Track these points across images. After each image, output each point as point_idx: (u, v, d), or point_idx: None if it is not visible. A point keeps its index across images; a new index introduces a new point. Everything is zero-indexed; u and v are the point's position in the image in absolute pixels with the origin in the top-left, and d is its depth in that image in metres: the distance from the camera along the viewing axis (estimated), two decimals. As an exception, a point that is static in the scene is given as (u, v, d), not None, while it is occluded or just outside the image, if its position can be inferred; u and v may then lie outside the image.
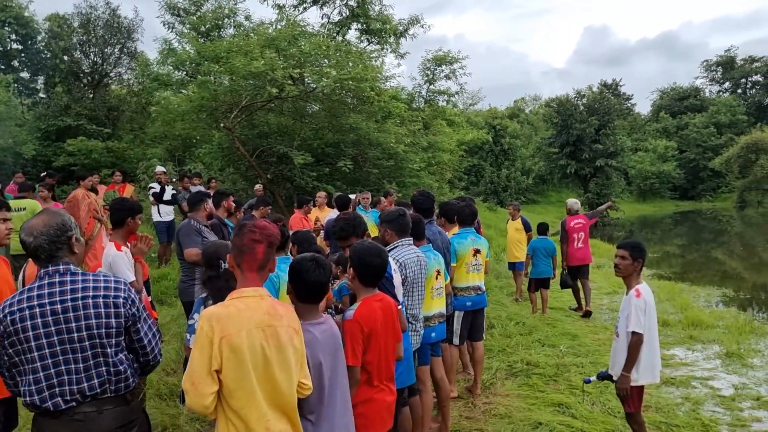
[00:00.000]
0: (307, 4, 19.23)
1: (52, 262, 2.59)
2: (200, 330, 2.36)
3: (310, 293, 2.84)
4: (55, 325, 2.51)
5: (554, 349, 7.48)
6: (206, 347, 2.33)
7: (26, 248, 2.60)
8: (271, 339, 2.44)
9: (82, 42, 24.30)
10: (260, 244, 2.52)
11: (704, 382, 6.65)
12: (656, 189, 50.90)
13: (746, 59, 59.75)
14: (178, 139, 17.57)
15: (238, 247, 2.53)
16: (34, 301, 2.52)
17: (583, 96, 41.51)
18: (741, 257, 21.02)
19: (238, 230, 2.60)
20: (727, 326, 9.10)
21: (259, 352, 2.39)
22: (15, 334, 2.49)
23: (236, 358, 2.34)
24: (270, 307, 2.50)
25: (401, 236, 4.24)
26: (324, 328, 2.84)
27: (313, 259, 2.86)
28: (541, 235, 9.87)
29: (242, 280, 2.53)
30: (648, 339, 4.18)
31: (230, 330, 2.35)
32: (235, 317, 2.38)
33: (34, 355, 2.50)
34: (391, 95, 15.52)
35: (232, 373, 2.35)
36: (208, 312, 2.41)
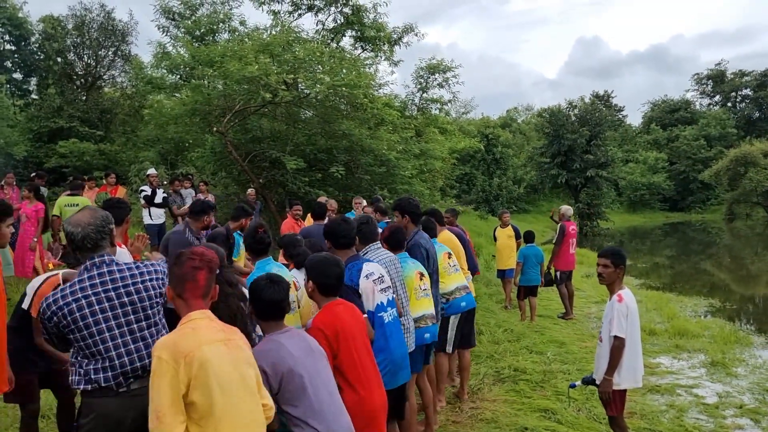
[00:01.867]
0: (302, 11, 19.34)
1: (96, 252, 2.78)
2: (158, 361, 2.25)
3: (269, 311, 2.88)
4: (111, 310, 2.71)
5: (542, 356, 7.55)
6: (167, 375, 2.23)
7: (72, 239, 2.78)
8: (235, 351, 2.41)
9: (76, 44, 24.31)
10: (201, 271, 2.45)
11: (689, 390, 6.72)
12: (646, 200, 51.24)
13: (736, 73, 60.44)
14: (171, 142, 17.60)
15: (178, 276, 2.45)
16: (87, 291, 2.71)
17: (574, 107, 41.79)
18: (729, 269, 21.20)
19: (175, 259, 2.51)
20: (713, 336, 9.20)
21: (228, 363, 2.34)
22: (73, 323, 2.65)
23: (204, 374, 2.26)
24: (223, 325, 2.48)
25: (366, 243, 4.26)
26: (289, 334, 2.88)
27: (268, 278, 2.92)
28: (529, 243, 9.98)
29: (186, 308, 2.44)
30: (630, 344, 4.26)
31: (191, 348, 2.27)
32: (190, 336, 2.32)
33: (96, 339, 2.67)
34: (384, 102, 15.60)
35: (202, 393, 2.26)
36: (161, 342, 2.32)
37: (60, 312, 2.65)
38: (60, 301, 2.67)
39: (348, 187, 13.78)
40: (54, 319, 2.66)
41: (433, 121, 21.95)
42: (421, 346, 4.68)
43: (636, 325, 4.34)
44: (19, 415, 4.35)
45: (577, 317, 10.30)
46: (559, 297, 10.47)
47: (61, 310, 2.65)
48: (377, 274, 3.91)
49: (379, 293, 3.87)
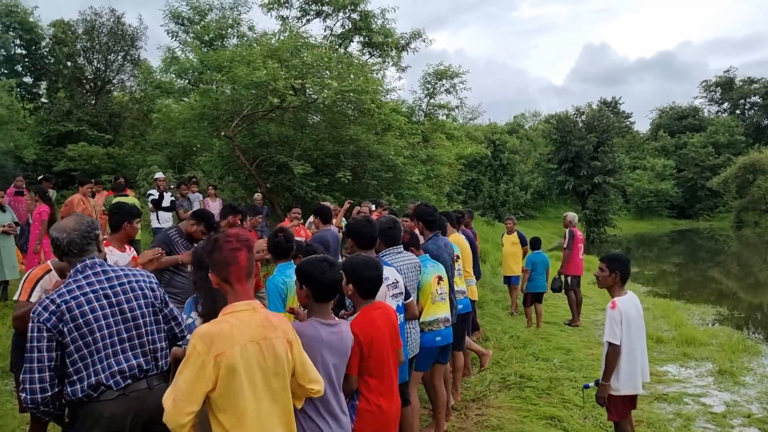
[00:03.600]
0: (311, 17, 19.42)
1: (83, 256, 2.80)
2: (192, 349, 2.29)
3: (325, 293, 2.93)
4: (110, 307, 2.72)
5: (548, 362, 7.53)
6: (197, 367, 2.26)
7: (58, 244, 2.80)
8: (267, 351, 2.42)
9: (85, 48, 24.44)
10: (241, 252, 2.47)
11: (696, 398, 6.69)
12: (654, 207, 51.04)
13: (745, 80, 60.24)
14: (179, 146, 17.66)
15: (220, 261, 2.46)
16: (85, 289, 2.71)
17: (582, 113, 41.74)
18: (737, 277, 21.06)
19: (212, 244, 2.51)
20: (721, 344, 9.14)
21: (255, 368, 2.37)
22: (73, 320, 2.62)
23: (231, 377, 2.30)
24: (264, 319, 2.47)
25: (389, 246, 4.31)
26: (332, 330, 2.91)
27: (325, 260, 2.97)
28: (535, 249, 9.97)
29: (233, 294, 2.47)
30: (628, 350, 4.27)
31: (224, 347, 2.29)
32: (227, 334, 2.33)
33: (96, 337, 2.66)
34: (391, 108, 15.62)
35: (224, 392, 2.30)
36: (201, 330, 2.34)
37: (59, 309, 2.61)
38: (57, 300, 2.64)
39: (355, 192, 13.79)
40: (53, 319, 2.59)
41: (440, 127, 21.96)
42: (433, 348, 4.73)
43: (635, 332, 4.34)
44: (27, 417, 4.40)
45: (584, 324, 10.27)
46: (566, 304, 10.44)
47: (59, 308, 2.61)
48: (392, 279, 3.92)
49: (390, 298, 3.88)
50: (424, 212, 5.39)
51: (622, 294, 4.41)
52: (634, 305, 4.40)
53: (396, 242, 4.37)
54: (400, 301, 4.00)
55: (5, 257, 7.74)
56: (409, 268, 4.33)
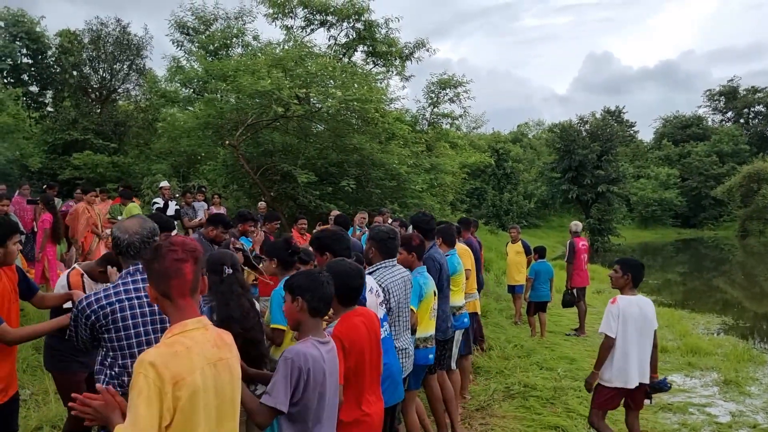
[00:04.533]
0: (315, 26, 19.53)
1: (137, 259, 2.84)
2: (143, 379, 1.94)
3: (323, 308, 2.85)
4: (150, 315, 2.74)
5: (552, 372, 7.50)
6: (154, 399, 1.93)
7: (117, 243, 2.87)
8: (224, 373, 2.18)
9: (91, 58, 24.61)
10: (186, 263, 2.15)
11: (701, 408, 6.65)
12: (658, 216, 50.90)
13: (749, 89, 60.19)
14: (183, 155, 17.73)
15: (160, 271, 2.15)
16: (131, 294, 2.74)
17: (585, 122, 41.76)
18: (742, 286, 20.99)
19: (153, 252, 2.21)
20: (726, 354, 9.10)
21: (212, 393, 2.11)
22: (113, 323, 2.67)
23: (192, 403, 2.02)
24: (217, 338, 2.22)
25: (385, 258, 4.12)
26: (328, 348, 2.80)
27: (321, 273, 2.90)
28: (540, 258, 9.94)
29: (177, 311, 2.15)
30: (622, 345, 4.54)
31: (183, 373, 2.00)
32: (184, 357, 2.03)
33: (131, 342, 2.69)
34: (395, 117, 15.67)
35: (182, 421, 2.00)
36: (151, 356, 1.99)
37: (102, 311, 2.67)
38: (103, 300, 2.70)
39: (359, 200, 13.82)
40: (92, 317, 2.68)
41: (444, 136, 22.01)
42: (425, 366, 4.68)
43: (634, 331, 4.56)
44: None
45: (588, 333, 10.22)
46: (569, 313, 10.40)
47: (103, 309, 2.68)
48: (375, 288, 3.83)
49: (378, 307, 3.80)
50: (421, 221, 5.25)
51: (632, 295, 4.67)
52: (638, 306, 4.61)
53: (393, 255, 4.19)
54: (384, 309, 3.89)
55: (11, 265, 7.78)
56: (402, 283, 4.11)
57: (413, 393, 4.65)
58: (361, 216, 9.33)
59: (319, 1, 18.66)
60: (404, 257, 4.55)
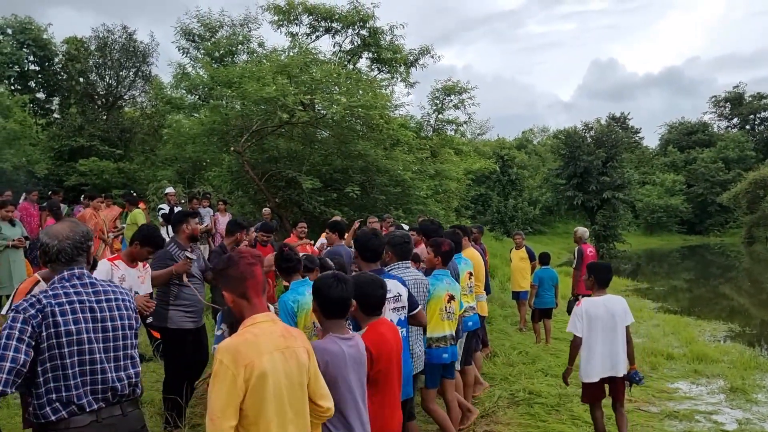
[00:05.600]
0: (320, 33, 19.61)
1: (71, 265, 2.64)
2: (219, 364, 2.28)
3: (335, 309, 2.94)
4: (93, 321, 2.54)
5: (557, 379, 7.44)
6: (227, 381, 2.25)
7: (46, 251, 2.64)
8: (291, 360, 2.43)
9: (98, 65, 24.80)
10: (256, 267, 2.50)
11: (708, 416, 6.60)
12: (664, 223, 50.76)
13: (754, 96, 60.07)
14: (189, 161, 17.80)
15: (237, 276, 2.46)
16: (71, 297, 2.53)
17: (590, 128, 41.75)
18: (749, 293, 20.87)
19: (227, 262, 2.53)
20: (732, 361, 9.03)
21: (282, 376, 2.37)
22: (54, 326, 2.43)
23: (261, 385, 2.29)
24: (284, 329, 2.51)
25: (400, 260, 4.37)
26: (351, 344, 2.94)
27: (334, 276, 3.00)
28: (544, 265, 9.91)
29: (251, 308, 2.47)
30: (587, 342, 4.94)
31: (252, 357, 2.29)
32: (253, 343, 2.33)
33: (73, 349, 2.46)
34: (399, 123, 15.70)
35: (255, 402, 2.30)
36: (225, 344, 2.34)
37: (45, 310, 2.44)
38: (43, 300, 2.47)
39: (363, 206, 13.83)
40: (39, 317, 2.41)
41: (449, 142, 22.02)
42: (439, 365, 4.76)
43: (598, 329, 4.91)
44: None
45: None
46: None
47: (46, 308, 2.44)
48: (394, 292, 3.93)
49: (391, 312, 3.87)
50: (429, 227, 5.52)
51: (599, 295, 5.05)
52: (604, 306, 4.97)
53: (407, 257, 4.44)
54: (402, 315, 4.00)
55: (15, 271, 7.80)
56: (416, 284, 4.35)
57: (432, 392, 4.79)
58: (371, 221, 9.41)
59: (324, 8, 18.76)
60: (430, 258, 4.92)
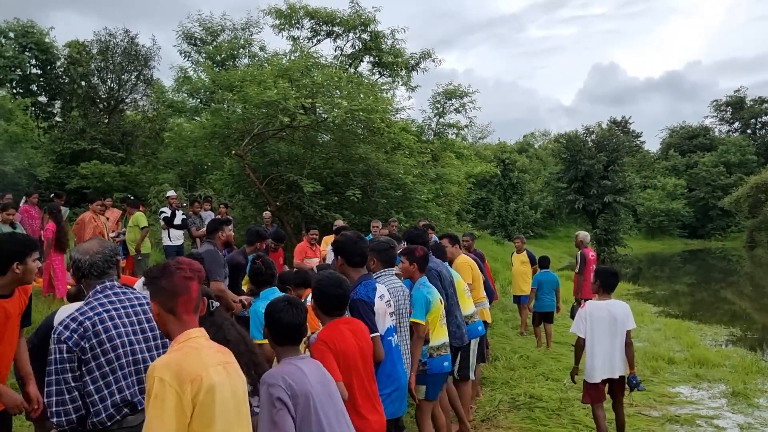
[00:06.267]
0: (321, 37, 19.66)
1: (103, 278, 2.81)
2: (160, 383, 2.01)
3: (287, 335, 2.75)
4: (131, 326, 2.72)
5: (558, 383, 7.45)
6: (171, 402, 2.00)
7: (79, 266, 2.81)
8: (235, 376, 2.25)
9: (99, 68, 24.89)
10: (193, 282, 2.26)
11: (709, 421, 6.58)
12: (665, 227, 50.70)
13: (756, 100, 60.05)
14: (190, 164, 17.82)
15: (168, 289, 2.22)
16: (107, 306, 2.70)
17: (592, 132, 41.73)
18: (750, 297, 20.84)
19: (161, 270, 2.29)
20: (734, 366, 9.01)
21: (229, 390, 2.17)
22: (96, 336, 2.60)
23: (210, 401, 2.07)
24: (218, 346, 2.31)
25: (385, 267, 4.23)
26: (306, 361, 2.78)
27: (286, 300, 2.84)
28: (544, 268, 9.90)
29: (181, 325, 2.22)
30: (589, 343, 5.15)
31: (198, 371, 2.07)
32: (196, 357, 2.12)
33: (119, 353, 2.63)
34: (401, 127, 15.69)
35: (203, 422, 2.06)
36: (162, 362, 2.09)
37: (81, 326, 2.58)
38: (80, 317, 2.63)
39: (364, 210, 13.82)
40: (74, 337, 2.55)
41: (450, 146, 22.04)
42: (442, 374, 4.68)
43: (599, 331, 5.10)
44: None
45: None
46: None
47: (83, 324, 2.60)
48: (387, 297, 3.90)
49: (388, 317, 3.85)
50: (413, 234, 5.40)
51: (603, 299, 5.22)
52: (607, 310, 5.13)
53: (392, 264, 4.29)
54: (394, 320, 3.93)
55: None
56: (396, 293, 4.17)
57: (430, 405, 4.64)
58: (375, 225, 9.44)
59: (325, 12, 18.81)
60: (406, 267, 4.68)
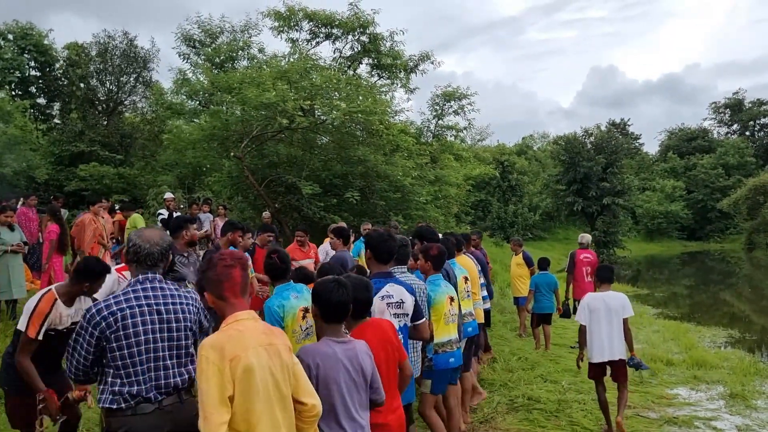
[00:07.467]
0: (320, 39, 19.69)
1: (152, 270, 2.95)
2: (205, 360, 2.30)
3: (334, 313, 2.95)
4: (159, 323, 2.85)
5: (556, 384, 7.45)
6: (214, 376, 2.27)
7: (137, 251, 2.92)
8: (275, 357, 2.45)
9: (98, 70, 24.90)
10: (235, 269, 2.52)
11: (707, 422, 6.58)
12: (664, 229, 50.72)
13: (754, 102, 60.12)
14: (189, 167, 17.84)
15: (214, 279, 2.51)
16: (142, 300, 2.85)
17: (590, 134, 41.72)
18: (749, 299, 20.84)
19: (207, 263, 2.59)
20: (732, 367, 9.01)
21: (267, 371, 2.39)
22: (123, 329, 2.75)
23: (248, 379, 2.31)
24: (266, 327, 2.56)
25: (399, 265, 4.32)
26: (347, 347, 2.92)
27: (335, 281, 3.00)
28: (542, 270, 9.89)
29: (231, 307, 2.49)
30: (590, 330, 5.80)
31: (237, 351, 2.32)
32: (237, 338, 2.36)
33: (141, 348, 2.79)
34: (399, 129, 15.72)
35: (242, 397, 2.31)
36: (209, 341, 2.36)
37: (112, 317, 2.74)
38: (113, 306, 2.77)
39: (363, 212, 13.83)
40: (103, 323, 2.73)
41: (449, 148, 22.08)
42: (447, 370, 4.74)
43: (597, 319, 5.75)
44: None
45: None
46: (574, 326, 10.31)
47: (114, 315, 2.74)
48: (396, 298, 3.89)
49: (393, 318, 3.84)
50: (427, 232, 5.53)
51: (601, 291, 5.92)
52: (604, 300, 5.79)
53: (404, 262, 4.41)
54: (402, 321, 3.93)
55: (13, 276, 7.78)
56: (417, 290, 4.26)
57: (432, 398, 4.73)
58: (365, 227, 9.38)
59: (324, 14, 18.83)
60: (422, 264, 4.91)
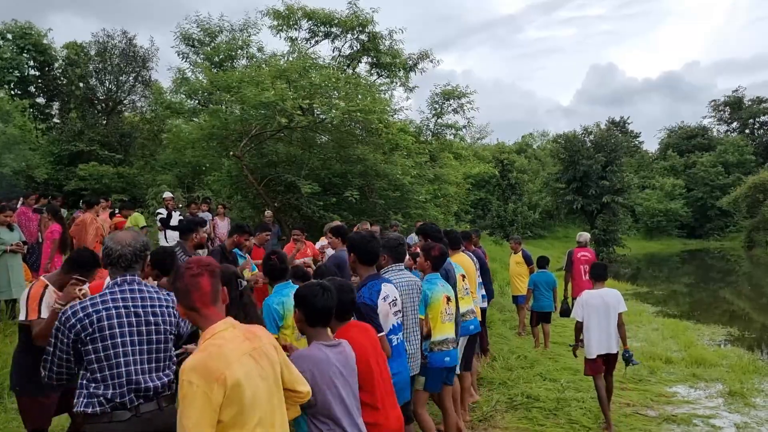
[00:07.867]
0: (319, 38, 19.66)
1: (128, 272, 2.93)
2: (188, 384, 2.16)
3: (319, 317, 2.94)
4: (137, 325, 2.82)
5: (555, 383, 7.47)
6: (198, 399, 2.15)
7: (109, 254, 2.93)
8: (262, 360, 2.39)
9: (98, 69, 24.88)
10: (201, 277, 2.38)
11: (706, 420, 6.60)
12: (663, 227, 50.69)
13: (754, 100, 59.99)
14: (188, 166, 17.84)
15: (183, 289, 2.39)
16: (119, 302, 2.82)
17: (590, 132, 41.71)
18: (748, 297, 20.85)
19: (174, 275, 2.48)
20: (731, 365, 9.02)
21: (257, 379, 2.33)
22: (99, 331, 2.72)
23: (237, 395, 2.23)
24: (246, 331, 2.44)
25: (395, 262, 4.39)
26: (338, 350, 2.94)
27: (320, 285, 2.98)
28: (541, 268, 9.90)
29: (204, 319, 2.38)
30: (588, 326, 6.04)
31: (221, 369, 2.21)
32: (218, 355, 2.24)
33: (118, 351, 2.74)
34: (399, 128, 15.71)
35: (234, 413, 2.23)
36: (189, 363, 2.22)
37: (87, 319, 2.71)
38: (89, 308, 2.75)
39: (362, 211, 13.82)
40: (78, 326, 2.70)
41: (448, 147, 22.05)
42: (443, 369, 4.75)
43: (593, 315, 5.98)
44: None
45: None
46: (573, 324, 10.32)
47: (89, 317, 2.71)
48: (392, 296, 3.97)
49: (392, 316, 3.92)
50: (431, 229, 5.58)
51: (597, 288, 6.14)
52: (600, 297, 6.03)
53: (401, 259, 4.45)
54: (399, 318, 4.04)
55: (13, 276, 7.79)
56: (409, 287, 4.36)
57: (425, 395, 4.74)
58: (363, 226, 9.31)
59: (323, 13, 18.81)
60: (421, 262, 5.03)
